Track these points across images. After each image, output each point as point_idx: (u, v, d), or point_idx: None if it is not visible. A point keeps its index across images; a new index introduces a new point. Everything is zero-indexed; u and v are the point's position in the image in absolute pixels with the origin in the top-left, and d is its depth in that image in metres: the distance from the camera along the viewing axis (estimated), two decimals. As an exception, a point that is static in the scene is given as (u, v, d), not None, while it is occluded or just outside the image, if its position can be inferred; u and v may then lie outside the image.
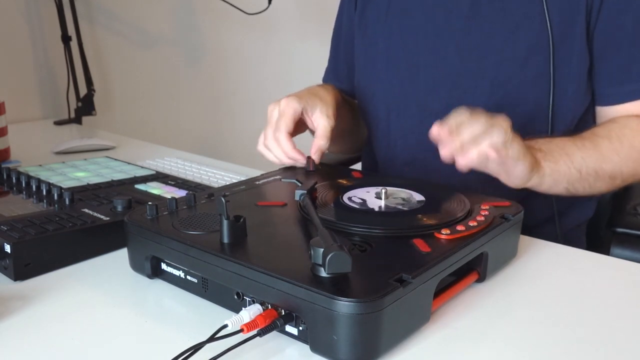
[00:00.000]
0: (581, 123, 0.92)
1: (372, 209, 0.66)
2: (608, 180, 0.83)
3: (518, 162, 0.72)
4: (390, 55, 0.99)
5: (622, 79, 0.87)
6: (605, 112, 0.90)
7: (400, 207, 0.66)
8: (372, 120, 1.05)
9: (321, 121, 0.86)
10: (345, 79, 1.11)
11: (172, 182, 0.92)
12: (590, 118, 0.93)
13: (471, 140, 0.67)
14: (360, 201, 0.68)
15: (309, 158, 0.85)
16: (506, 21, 0.88)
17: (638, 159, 0.84)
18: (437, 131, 0.69)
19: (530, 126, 0.87)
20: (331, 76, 1.16)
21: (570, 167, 0.80)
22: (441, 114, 0.94)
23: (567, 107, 0.89)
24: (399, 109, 0.99)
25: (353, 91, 1.09)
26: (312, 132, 0.89)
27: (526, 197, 0.83)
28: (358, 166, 1.25)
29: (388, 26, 0.99)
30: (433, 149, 0.79)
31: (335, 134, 0.94)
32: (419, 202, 0.68)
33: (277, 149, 0.85)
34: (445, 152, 0.67)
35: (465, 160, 0.67)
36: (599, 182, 0.83)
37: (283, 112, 0.85)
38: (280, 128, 0.84)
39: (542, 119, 0.88)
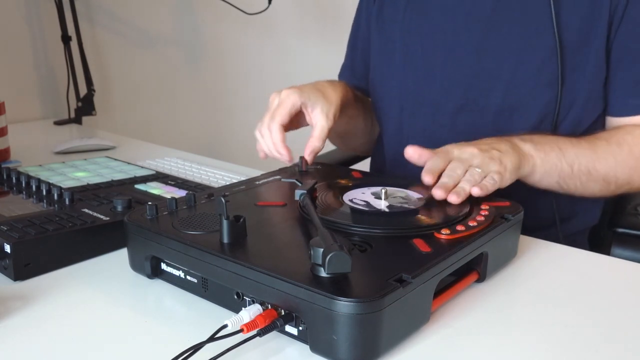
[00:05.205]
0: (588, 132, 0.90)
1: (372, 209, 0.66)
2: (602, 182, 0.83)
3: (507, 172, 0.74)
4: (407, 54, 0.98)
5: (635, 92, 0.86)
6: (614, 122, 0.89)
7: (400, 207, 0.66)
8: (384, 118, 1.04)
9: (319, 121, 0.86)
10: (361, 76, 1.11)
11: (172, 182, 0.92)
12: (598, 127, 0.92)
13: (454, 184, 0.70)
14: (360, 201, 0.68)
15: (302, 158, 0.84)
16: (525, 25, 0.87)
17: (635, 166, 0.83)
18: (413, 153, 0.75)
19: (537, 128, 0.87)
20: (347, 73, 1.15)
21: (562, 160, 0.80)
22: (454, 114, 0.93)
23: (576, 114, 0.88)
24: (412, 108, 0.98)
25: (368, 88, 1.08)
26: None
27: (527, 200, 0.83)
28: (363, 165, 1.25)
29: (406, 25, 0.98)
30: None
31: (345, 132, 0.92)
32: (419, 202, 0.68)
33: (268, 139, 0.85)
34: (438, 194, 0.68)
35: (457, 200, 0.67)
36: (591, 182, 0.82)
37: (281, 103, 0.85)
38: (275, 118, 0.84)
39: (549, 122, 0.88)
